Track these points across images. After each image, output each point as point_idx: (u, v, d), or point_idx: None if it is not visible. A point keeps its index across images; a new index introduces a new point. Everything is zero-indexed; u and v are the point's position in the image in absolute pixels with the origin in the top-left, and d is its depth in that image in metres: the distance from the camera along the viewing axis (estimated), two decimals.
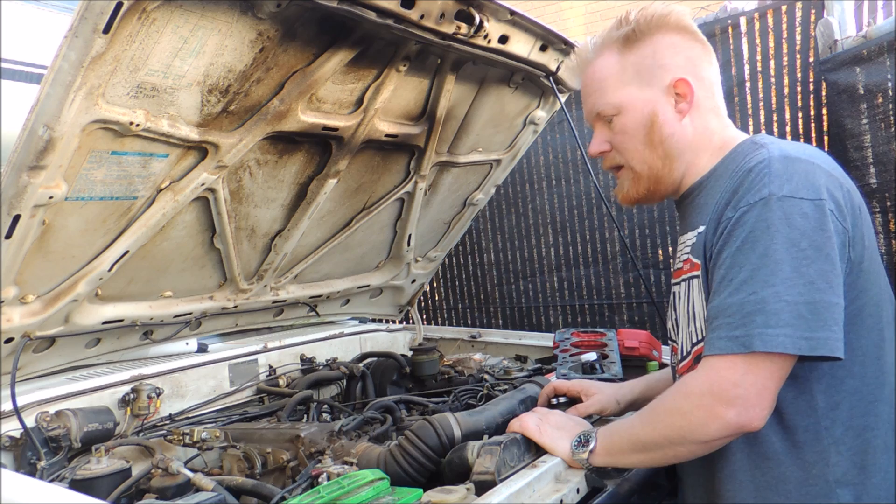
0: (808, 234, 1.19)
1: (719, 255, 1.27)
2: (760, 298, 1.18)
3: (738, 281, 1.21)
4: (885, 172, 3.16)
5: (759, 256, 1.20)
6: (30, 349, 1.91)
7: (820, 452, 1.27)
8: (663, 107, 1.43)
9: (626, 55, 1.44)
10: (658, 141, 1.44)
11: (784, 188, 1.21)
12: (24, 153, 1.42)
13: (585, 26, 8.82)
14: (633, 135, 1.45)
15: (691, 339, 1.41)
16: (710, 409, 1.21)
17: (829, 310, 1.18)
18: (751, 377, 1.19)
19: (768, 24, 3.83)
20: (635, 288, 4.60)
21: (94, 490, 1.44)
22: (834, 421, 1.27)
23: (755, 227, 1.21)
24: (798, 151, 1.30)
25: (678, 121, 1.43)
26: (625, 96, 1.44)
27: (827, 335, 1.17)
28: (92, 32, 1.32)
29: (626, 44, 1.44)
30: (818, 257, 1.19)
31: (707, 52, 1.48)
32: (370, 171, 2.36)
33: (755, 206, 1.22)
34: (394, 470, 1.47)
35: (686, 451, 1.30)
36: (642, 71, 1.43)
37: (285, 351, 2.56)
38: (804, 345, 1.16)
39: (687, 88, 1.41)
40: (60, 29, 1.33)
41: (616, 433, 1.40)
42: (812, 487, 1.27)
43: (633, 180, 1.50)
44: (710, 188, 1.41)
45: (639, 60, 1.43)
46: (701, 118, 1.45)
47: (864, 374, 1.29)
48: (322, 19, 1.68)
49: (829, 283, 1.19)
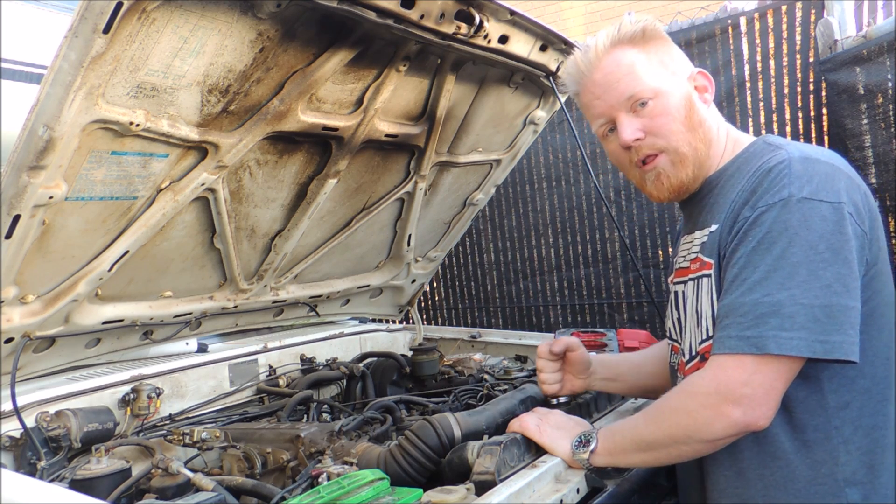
0: (826, 237, 1.19)
1: (733, 254, 1.26)
2: (776, 301, 1.18)
3: (752, 281, 1.21)
4: (886, 172, 3.16)
5: (776, 258, 1.20)
6: (30, 349, 1.91)
7: (829, 451, 1.27)
8: (693, 95, 1.44)
9: (644, 49, 1.42)
10: (698, 123, 1.41)
11: (804, 190, 1.21)
12: (24, 153, 1.42)
13: (585, 26, 8.81)
14: (675, 116, 1.39)
15: (697, 338, 1.40)
16: (717, 407, 1.21)
17: (845, 313, 1.18)
18: (759, 377, 1.19)
19: (768, 24, 3.83)
20: (635, 288, 4.60)
21: (94, 490, 1.44)
22: (844, 420, 1.27)
23: (773, 228, 1.21)
24: (817, 153, 1.30)
25: (707, 109, 1.44)
26: (661, 80, 1.41)
27: (842, 339, 1.18)
28: (92, 32, 1.32)
29: (638, 42, 1.42)
30: (835, 260, 1.19)
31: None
32: (370, 171, 2.35)
33: (774, 206, 1.22)
34: (394, 470, 1.47)
35: (691, 451, 1.30)
36: (666, 63, 1.43)
37: (285, 351, 2.57)
38: (819, 348, 1.17)
39: (706, 81, 1.45)
40: (60, 29, 1.33)
41: (619, 433, 1.40)
42: (821, 486, 1.27)
43: (676, 164, 1.41)
44: (723, 187, 1.40)
45: (659, 55, 1.43)
46: (713, 113, 1.47)
47: (874, 373, 1.29)
48: (322, 19, 1.68)
49: (845, 286, 1.19)
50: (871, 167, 3.23)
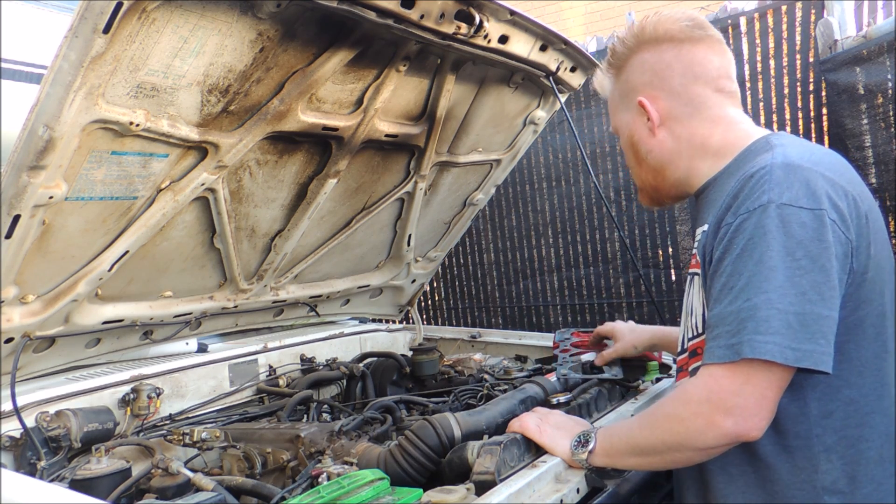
0: (804, 243, 1.18)
1: (720, 263, 1.26)
2: (753, 305, 1.18)
3: (738, 289, 1.21)
4: (886, 172, 3.17)
5: (755, 263, 1.20)
6: (30, 349, 1.91)
7: (810, 459, 1.27)
8: (639, 127, 1.52)
9: (616, 82, 1.57)
10: (642, 157, 1.55)
11: (784, 196, 1.21)
12: (24, 153, 1.42)
13: (585, 26, 8.81)
14: (627, 154, 1.60)
15: (688, 333, 1.44)
16: (708, 417, 1.21)
17: (818, 322, 1.17)
18: (749, 387, 1.19)
19: (768, 24, 3.84)
20: (635, 288, 4.60)
21: (94, 490, 1.44)
22: (826, 429, 1.27)
23: (754, 234, 1.21)
24: (803, 158, 1.28)
25: (652, 137, 1.50)
26: (617, 122, 1.59)
27: (812, 348, 1.16)
28: (92, 32, 1.32)
29: (613, 71, 1.56)
30: (812, 268, 1.18)
31: (684, 54, 1.45)
32: (370, 171, 2.36)
33: (754, 212, 1.22)
34: (394, 470, 1.47)
35: (683, 458, 1.31)
36: (623, 96, 1.54)
37: (285, 351, 2.57)
38: (790, 355, 1.16)
39: (644, 109, 1.48)
40: (60, 29, 1.33)
41: (615, 435, 1.40)
42: (799, 492, 1.27)
43: (638, 190, 1.66)
44: (720, 185, 1.41)
45: (620, 87, 1.55)
46: (681, 127, 1.47)
47: (861, 384, 1.28)
48: (322, 19, 1.68)
49: (821, 295, 1.18)
50: (871, 167, 3.23)
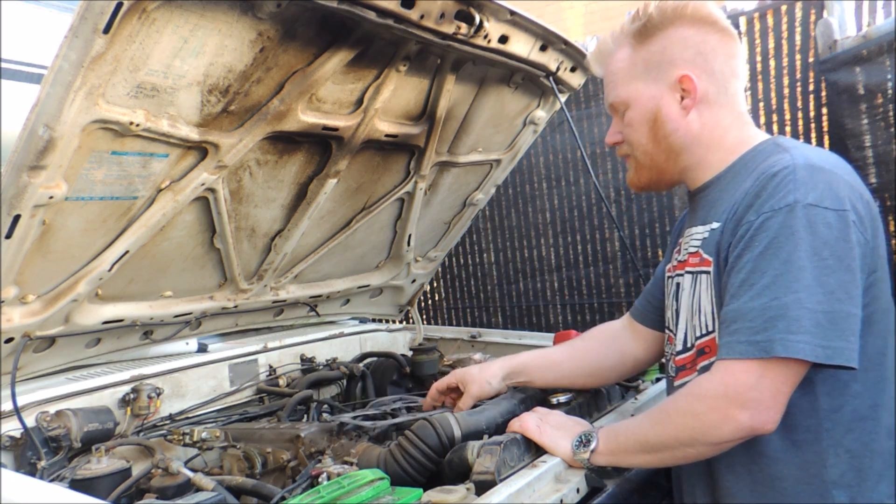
0: (830, 243, 1.20)
1: (739, 259, 1.27)
2: (783, 304, 1.19)
3: (761, 286, 1.22)
4: (886, 172, 3.17)
5: (783, 262, 1.20)
6: (30, 349, 1.91)
7: (818, 453, 1.28)
8: (668, 102, 1.45)
9: (637, 50, 1.47)
10: (662, 136, 1.47)
11: (809, 196, 1.22)
12: (24, 153, 1.42)
13: (585, 26, 8.81)
14: (638, 129, 1.49)
15: (694, 332, 1.42)
16: (724, 411, 1.22)
17: (847, 320, 1.19)
18: (767, 381, 1.20)
19: (768, 24, 3.83)
20: (635, 288, 4.60)
21: (94, 490, 1.44)
22: (835, 423, 1.28)
23: (779, 234, 1.22)
24: (822, 160, 1.30)
25: (683, 117, 1.44)
26: (632, 91, 1.48)
27: (843, 345, 1.18)
28: (92, 32, 1.32)
29: (638, 38, 1.46)
30: (839, 268, 1.20)
31: (726, 43, 1.46)
32: (370, 171, 2.36)
33: (780, 212, 1.22)
34: (394, 470, 1.47)
35: (695, 453, 1.30)
36: (651, 66, 1.45)
37: (285, 351, 2.56)
38: (821, 353, 1.18)
39: (690, 84, 1.42)
40: (60, 29, 1.33)
41: (621, 433, 1.40)
42: (808, 486, 1.28)
43: (636, 169, 1.55)
44: (727, 185, 1.41)
45: (648, 56, 1.45)
46: (711, 113, 1.45)
47: (867, 378, 1.29)
48: (322, 19, 1.68)
49: (848, 293, 1.20)
50: (871, 167, 3.23)
